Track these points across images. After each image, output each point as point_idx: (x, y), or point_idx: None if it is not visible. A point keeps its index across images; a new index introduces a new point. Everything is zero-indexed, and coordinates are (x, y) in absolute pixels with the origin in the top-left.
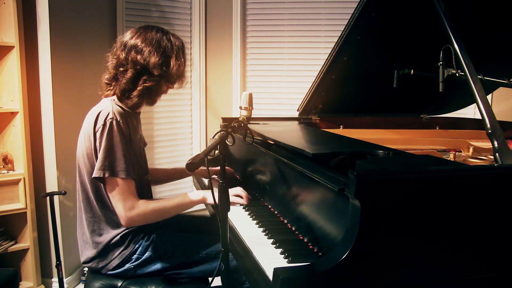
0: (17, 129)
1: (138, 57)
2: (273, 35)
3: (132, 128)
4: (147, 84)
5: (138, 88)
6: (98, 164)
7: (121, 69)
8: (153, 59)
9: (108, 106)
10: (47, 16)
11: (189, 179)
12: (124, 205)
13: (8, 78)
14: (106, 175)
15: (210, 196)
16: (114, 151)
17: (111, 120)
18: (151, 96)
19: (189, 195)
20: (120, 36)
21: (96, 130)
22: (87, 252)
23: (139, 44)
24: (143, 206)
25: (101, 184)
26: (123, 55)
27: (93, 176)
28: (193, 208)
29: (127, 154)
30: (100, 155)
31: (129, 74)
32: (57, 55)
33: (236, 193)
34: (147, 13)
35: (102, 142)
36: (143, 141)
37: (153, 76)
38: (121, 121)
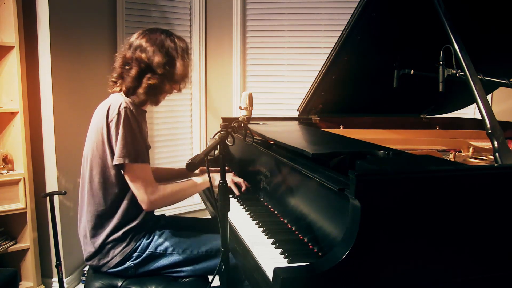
0: (17, 129)
1: (143, 55)
2: (273, 35)
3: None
4: (150, 82)
5: (143, 86)
6: (117, 152)
7: (127, 67)
8: (157, 58)
9: (118, 98)
10: (47, 16)
11: None
12: (146, 190)
13: (8, 78)
14: (127, 161)
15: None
16: (132, 138)
17: (125, 109)
18: (155, 95)
19: (201, 176)
20: (127, 38)
21: (109, 121)
22: (87, 247)
23: (143, 43)
24: (163, 189)
25: (111, 175)
26: (129, 54)
27: (114, 163)
28: (193, 208)
29: (142, 141)
30: (119, 143)
31: (133, 71)
32: (57, 55)
33: (238, 181)
34: (147, 13)
35: (119, 130)
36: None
37: (156, 74)
38: (134, 110)
